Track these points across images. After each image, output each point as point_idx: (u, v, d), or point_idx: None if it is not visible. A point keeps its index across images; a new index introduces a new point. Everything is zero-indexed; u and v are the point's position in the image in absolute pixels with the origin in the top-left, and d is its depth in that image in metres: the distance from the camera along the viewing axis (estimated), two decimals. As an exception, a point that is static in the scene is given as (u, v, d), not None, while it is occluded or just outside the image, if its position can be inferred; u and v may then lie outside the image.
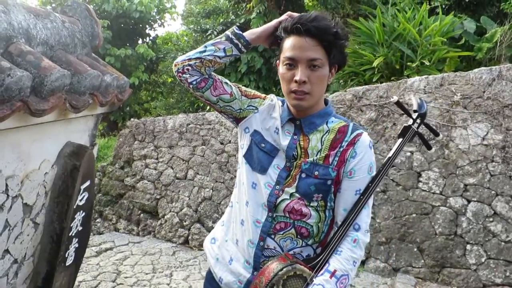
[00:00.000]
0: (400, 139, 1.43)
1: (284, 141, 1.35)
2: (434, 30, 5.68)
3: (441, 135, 4.40)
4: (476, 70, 4.52)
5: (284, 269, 1.20)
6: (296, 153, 1.33)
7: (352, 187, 1.30)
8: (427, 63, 5.51)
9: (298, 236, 1.32)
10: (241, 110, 1.42)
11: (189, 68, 1.35)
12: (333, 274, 1.20)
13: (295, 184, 1.31)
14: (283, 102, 1.45)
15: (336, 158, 1.30)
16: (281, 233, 1.32)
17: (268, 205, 1.32)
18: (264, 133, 1.39)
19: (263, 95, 1.49)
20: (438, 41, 5.66)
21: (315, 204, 1.31)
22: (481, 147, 4.28)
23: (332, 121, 1.36)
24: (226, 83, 1.42)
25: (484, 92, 4.37)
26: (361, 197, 1.29)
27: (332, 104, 1.39)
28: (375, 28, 6.04)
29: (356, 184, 1.30)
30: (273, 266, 1.22)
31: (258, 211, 1.34)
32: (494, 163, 4.22)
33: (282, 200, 1.31)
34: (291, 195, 1.31)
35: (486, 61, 5.91)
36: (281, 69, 1.31)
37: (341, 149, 1.31)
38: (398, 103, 1.47)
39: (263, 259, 1.33)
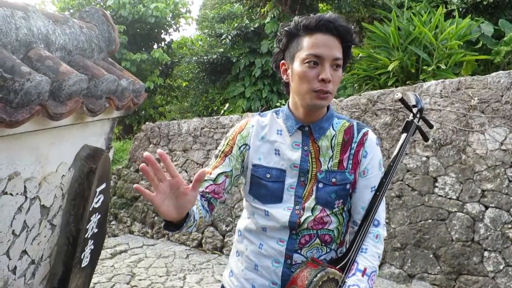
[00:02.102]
0: (405, 134, 1.44)
1: (293, 155, 1.31)
2: (451, 34, 5.61)
3: (458, 136, 4.33)
4: (494, 74, 4.45)
5: (318, 275, 1.19)
6: (309, 165, 1.30)
7: (368, 185, 1.32)
8: (443, 67, 5.44)
9: (323, 244, 1.32)
10: (242, 165, 1.38)
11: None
12: (364, 272, 1.22)
13: (313, 196, 1.30)
14: (276, 112, 1.39)
15: (350, 161, 1.31)
16: (307, 246, 1.31)
17: (290, 225, 1.29)
18: (264, 162, 1.33)
19: (236, 130, 1.40)
20: (454, 44, 5.58)
21: (336, 210, 1.32)
22: (499, 152, 4.20)
23: (337, 123, 1.35)
24: (217, 179, 1.35)
25: (502, 96, 4.29)
26: (377, 193, 1.30)
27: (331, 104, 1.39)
28: (390, 32, 5.99)
29: (371, 181, 1.32)
30: (305, 274, 1.21)
31: (280, 232, 1.31)
32: (512, 168, 4.14)
33: (306, 219, 1.29)
34: (313, 209, 1.29)
35: (504, 65, 5.80)
36: (300, 67, 1.23)
37: (353, 151, 1.31)
38: (401, 100, 1.47)
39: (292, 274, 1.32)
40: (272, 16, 8.97)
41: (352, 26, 1.28)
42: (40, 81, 1.32)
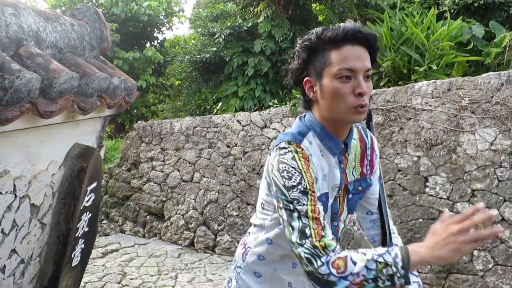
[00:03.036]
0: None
1: (336, 176, 1.26)
2: (442, 35, 5.65)
3: (449, 136, 4.36)
4: (484, 75, 4.49)
5: None
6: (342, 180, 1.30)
7: (377, 178, 1.40)
8: (434, 67, 5.48)
9: (340, 240, 1.42)
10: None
11: None
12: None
13: (345, 208, 1.34)
14: (313, 132, 1.25)
15: (368, 168, 1.37)
16: None
17: None
18: (318, 191, 1.20)
19: (303, 162, 1.16)
20: (446, 45, 5.63)
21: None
22: (489, 152, 4.25)
23: (353, 131, 1.34)
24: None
25: (492, 97, 4.33)
26: (381, 180, 1.40)
27: None
28: (382, 33, 6.02)
29: (377, 174, 1.41)
30: None
31: None
32: (502, 168, 4.19)
33: (342, 230, 1.37)
34: (345, 220, 1.36)
35: (494, 66, 5.86)
36: (332, 84, 1.15)
37: (369, 157, 1.37)
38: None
39: None
40: (266, 15, 8.97)
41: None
42: (30, 79, 1.31)
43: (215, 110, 9.30)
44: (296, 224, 1.09)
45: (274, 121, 5.59)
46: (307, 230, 1.07)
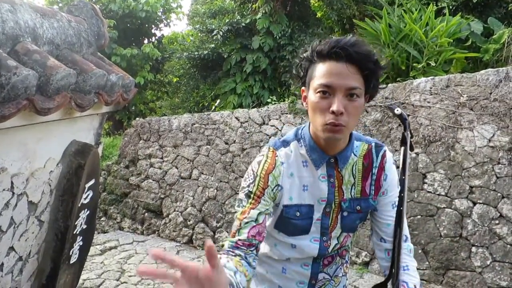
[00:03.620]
0: (403, 148, 1.38)
1: (321, 189, 1.26)
2: (441, 31, 5.64)
3: (447, 133, 4.36)
4: (482, 71, 4.49)
5: None
6: (334, 196, 1.28)
7: (389, 203, 1.31)
8: (433, 64, 5.48)
9: (340, 258, 1.39)
10: (274, 203, 1.27)
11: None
12: None
13: (338, 225, 1.30)
14: (298, 139, 1.28)
15: (373, 188, 1.30)
16: (329, 265, 1.36)
17: (320, 256, 1.32)
18: (295, 200, 1.26)
19: (265, 168, 1.24)
20: (444, 42, 5.62)
21: (356, 230, 1.37)
22: (487, 149, 4.25)
23: (357, 146, 1.30)
24: (259, 219, 1.20)
25: (490, 93, 4.34)
26: (401, 208, 1.26)
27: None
28: (381, 29, 6.02)
29: (391, 199, 1.31)
30: None
31: (304, 259, 1.34)
32: (500, 165, 4.19)
33: (333, 247, 1.33)
34: (339, 236, 1.32)
35: (493, 63, 5.86)
36: (313, 97, 1.15)
37: (374, 176, 1.29)
38: (400, 115, 1.42)
39: None
40: (264, 12, 8.95)
41: (374, 51, 1.15)
42: (27, 75, 1.30)
43: (213, 107, 9.29)
44: (234, 222, 1.23)
45: (272, 118, 5.59)
46: (233, 229, 1.20)
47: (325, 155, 1.24)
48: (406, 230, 1.29)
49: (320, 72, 1.14)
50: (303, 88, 1.25)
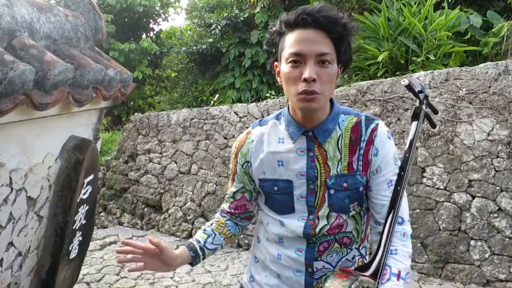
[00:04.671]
0: (415, 122, 1.31)
1: (299, 163, 1.23)
2: (440, 25, 5.63)
3: (446, 127, 4.37)
4: (482, 65, 4.49)
5: (353, 286, 1.11)
6: (316, 171, 1.22)
7: (384, 182, 1.22)
8: (432, 58, 5.47)
9: (343, 247, 1.27)
10: (251, 180, 1.36)
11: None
12: (398, 276, 1.13)
13: (326, 204, 1.23)
14: (278, 117, 1.30)
15: (360, 163, 1.21)
16: (326, 252, 1.26)
17: (306, 237, 1.25)
18: (269, 175, 1.27)
19: (237, 146, 1.37)
20: (443, 35, 5.61)
21: (352, 213, 1.26)
22: (486, 143, 4.26)
23: (343, 120, 1.23)
24: (235, 196, 1.44)
25: (490, 87, 4.33)
26: (398, 188, 1.19)
27: (336, 100, 1.28)
28: (380, 23, 6.00)
29: (386, 177, 1.22)
30: (337, 285, 1.12)
31: (297, 242, 1.27)
32: (499, 158, 4.20)
33: (322, 228, 1.24)
34: (328, 217, 1.24)
35: (492, 56, 5.85)
36: (284, 68, 1.14)
37: (362, 151, 1.21)
38: (408, 86, 1.36)
39: (316, 282, 1.28)
40: (262, 6, 8.90)
41: (341, 15, 1.13)
42: (24, 70, 1.29)
43: (212, 102, 9.27)
44: None
45: (271, 112, 5.58)
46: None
47: (301, 127, 1.21)
48: (404, 212, 1.21)
49: (289, 41, 1.12)
50: (275, 63, 1.23)
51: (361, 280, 1.12)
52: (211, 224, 1.43)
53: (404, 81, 1.32)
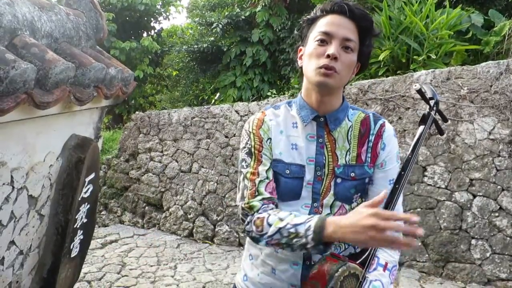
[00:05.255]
0: (422, 126, 1.37)
1: (309, 149, 1.26)
2: (441, 24, 5.61)
3: (448, 126, 4.36)
4: (483, 64, 4.48)
5: (340, 270, 1.14)
6: (325, 158, 1.25)
7: (386, 177, 1.27)
8: (433, 56, 5.45)
9: (341, 241, 1.25)
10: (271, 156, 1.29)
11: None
12: (385, 267, 1.18)
13: (331, 192, 1.25)
14: (289, 104, 1.35)
15: (369, 155, 1.26)
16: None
17: None
18: (284, 157, 1.26)
19: (255, 124, 1.31)
20: (445, 34, 5.59)
21: (354, 205, 1.27)
22: (487, 142, 4.25)
23: (352, 114, 1.30)
24: (269, 175, 1.25)
25: (491, 86, 4.32)
26: (396, 186, 1.24)
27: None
28: (381, 21, 5.98)
29: (388, 174, 1.27)
30: (326, 268, 1.16)
31: None
32: (500, 157, 4.19)
33: (328, 216, 1.22)
34: (332, 206, 1.25)
35: (493, 55, 5.84)
36: (311, 46, 1.22)
37: (370, 143, 1.27)
38: (419, 91, 1.41)
39: None
40: (263, 4, 8.89)
41: (371, 16, 1.25)
42: (26, 69, 1.29)
43: (213, 101, 9.26)
44: (241, 185, 1.26)
45: (272, 111, 5.57)
46: (245, 192, 1.24)
47: (314, 111, 1.27)
48: (399, 210, 1.26)
49: (322, 23, 1.22)
50: (300, 47, 1.32)
51: (348, 266, 1.15)
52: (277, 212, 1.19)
53: (415, 85, 1.38)
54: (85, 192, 2.04)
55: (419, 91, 1.40)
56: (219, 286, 4.17)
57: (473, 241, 4.20)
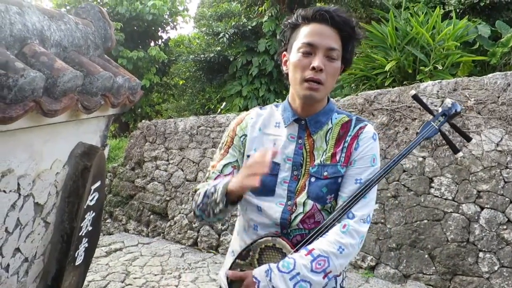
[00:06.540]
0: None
1: (288, 148, 1.30)
2: (448, 34, 5.62)
3: (454, 137, 4.33)
4: (490, 75, 4.46)
5: (264, 239, 1.22)
6: (302, 159, 1.29)
7: (352, 175, 1.26)
8: (440, 67, 5.45)
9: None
10: (242, 153, 1.38)
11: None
12: (309, 252, 1.16)
13: (305, 191, 1.26)
14: (276, 105, 1.41)
15: (343, 154, 1.27)
16: (299, 246, 1.26)
17: (282, 222, 1.26)
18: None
19: (236, 121, 1.42)
20: (451, 45, 5.59)
21: (328, 206, 1.28)
22: (495, 153, 4.22)
23: (336, 117, 1.32)
24: (224, 170, 1.37)
25: (498, 97, 4.30)
26: (361, 186, 1.24)
27: (333, 101, 1.37)
28: (387, 32, 6.00)
29: (356, 172, 1.26)
30: (264, 240, 1.26)
31: (271, 231, 1.29)
32: (508, 169, 4.15)
33: (297, 216, 1.26)
34: (304, 204, 1.26)
35: (500, 66, 5.82)
36: (295, 56, 1.24)
37: (346, 144, 1.28)
38: (415, 97, 1.43)
39: None
40: (270, 15, 8.96)
41: (353, 19, 1.25)
42: (35, 77, 1.31)
43: (219, 110, 9.30)
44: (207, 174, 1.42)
45: (278, 120, 5.58)
46: (205, 176, 1.41)
47: (295, 114, 1.31)
48: (360, 210, 1.22)
49: (304, 32, 1.24)
50: (284, 53, 1.34)
51: (275, 240, 1.23)
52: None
53: (411, 91, 1.45)
54: (91, 200, 2.04)
55: (415, 97, 1.42)
56: (223, 296, 4.13)
57: (481, 254, 4.14)
